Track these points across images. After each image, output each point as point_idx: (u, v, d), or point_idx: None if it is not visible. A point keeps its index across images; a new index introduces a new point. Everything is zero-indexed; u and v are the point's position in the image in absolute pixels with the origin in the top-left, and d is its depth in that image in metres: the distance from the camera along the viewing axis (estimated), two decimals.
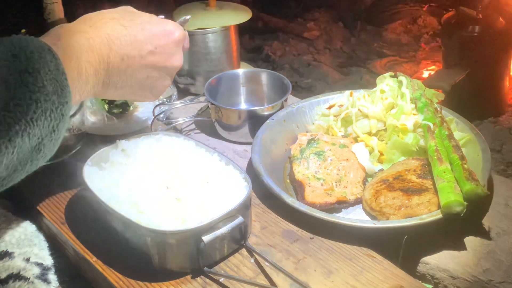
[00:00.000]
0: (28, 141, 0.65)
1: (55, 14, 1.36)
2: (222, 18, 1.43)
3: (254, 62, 2.60)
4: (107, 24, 0.84)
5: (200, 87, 1.44)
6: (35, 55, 0.67)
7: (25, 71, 0.65)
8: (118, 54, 0.83)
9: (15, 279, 0.91)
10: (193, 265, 0.88)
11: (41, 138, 0.67)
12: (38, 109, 0.65)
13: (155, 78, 0.91)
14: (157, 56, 0.89)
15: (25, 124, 0.64)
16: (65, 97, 0.69)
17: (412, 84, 1.20)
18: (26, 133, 0.64)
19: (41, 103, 0.65)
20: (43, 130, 0.67)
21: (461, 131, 1.14)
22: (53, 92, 0.67)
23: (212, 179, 0.95)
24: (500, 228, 0.97)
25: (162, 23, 0.91)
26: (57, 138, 0.70)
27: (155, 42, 0.88)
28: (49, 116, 0.67)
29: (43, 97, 0.66)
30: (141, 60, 0.87)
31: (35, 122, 0.65)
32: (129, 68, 0.86)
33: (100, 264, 0.91)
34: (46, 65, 0.67)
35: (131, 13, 0.90)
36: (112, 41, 0.82)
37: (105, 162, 0.99)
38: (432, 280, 0.93)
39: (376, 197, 1.00)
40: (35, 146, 0.67)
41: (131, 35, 0.85)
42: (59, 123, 0.69)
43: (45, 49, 0.69)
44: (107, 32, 0.83)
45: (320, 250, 0.93)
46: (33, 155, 0.68)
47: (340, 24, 2.96)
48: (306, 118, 1.24)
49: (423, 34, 2.84)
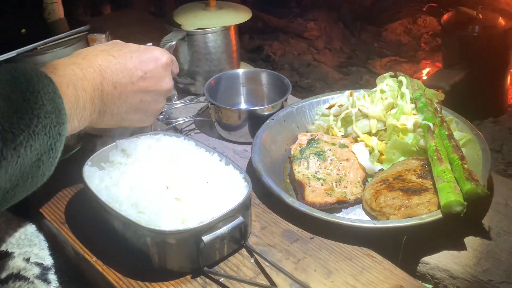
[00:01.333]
0: (30, 153, 0.69)
1: (55, 14, 1.36)
2: (222, 18, 1.43)
3: (254, 62, 2.60)
4: (98, 56, 0.90)
5: (200, 87, 1.44)
6: (34, 78, 0.72)
7: (26, 90, 0.70)
8: (111, 82, 0.89)
9: (15, 279, 0.91)
10: (193, 265, 0.88)
11: (40, 154, 0.72)
12: (39, 124, 0.70)
13: (148, 102, 0.97)
14: (148, 81, 0.95)
15: (27, 136, 0.68)
16: (62, 118, 0.75)
17: (412, 84, 1.20)
18: (29, 144, 0.69)
19: (41, 119, 0.70)
20: (42, 146, 0.71)
21: (461, 131, 1.14)
22: (51, 111, 0.72)
23: (212, 179, 0.95)
24: (500, 228, 0.97)
25: (149, 50, 0.98)
26: (54, 157, 0.75)
27: (144, 68, 0.95)
28: (48, 132, 0.72)
29: (43, 114, 0.71)
30: (133, 86, 0.93)
31: (36, 135, 0.70)
32: (122, 94, 0.92)
33: (100, 264, 0.91)
34: (45, 87, 0.73)
35: (119, 44, 0.96)
36: (104, 71, 0.89)
37: (105, 162, 0.99)
38: (432, 280, 0.93)
39: (376, 197, 1.00)
40: (35, 162, 0.71)
41: (121, 63, 0.92)
42: (56, 142, 0.74)
43: (43, 75, 0.74)
44: (99, 63, 0.89)
45: (320, 250, 0.93)
46: (33, 170, 0.72)
47: (340, 24, 2.95)
48: (306, 118, 1.24)
49: (423, 34, 2.83)
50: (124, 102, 0.93)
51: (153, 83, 0.96)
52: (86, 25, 1.30)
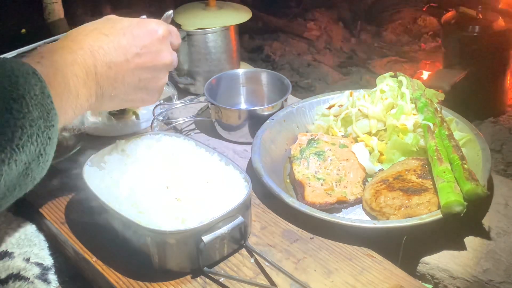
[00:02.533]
0: (15, 167, 0.64)
1: (55, 14, 1.37)
2: (222, 18, 1.43)
3: (254, 62, 2.60)
4: (88, 35, 0.84)
5: (200, 87, 1.44)
6: (19, 80, 0.65)
7: (10, 98, 0.64)
8: (104, 63, 0.83)
9: (15, 279, 0.91)
10: (193, 265, 0.88)
11: (28, 163, 0.66)
12: (23, 135, 0.64)
13: (148, 80, 0.91)
14: (144, 57, 0.89)
15: (10, 151, 0.63)
16: (51, 120, 0.69)
17: (412, 84, 1.20)
18: (13, 160, 0.63)
19: (26, 129, 0.64)
20: (29, 156, 0.66)
21: (461, 131, 1.14)
22: (38, 117, 0.66)
23: (212, 179, 0.95)
24: (500, 228, 0.97)
25: (143, 23, 0.91)
26: (45, 161, 0.69)
27: (139, 43, 0.88)
28: (35, 141, 0.66)
29: (28, 123, 0.65)
30: (128, 64, 0.87)
31: (21, 148, 0.64)
32: (119, 74, 0.86)
33: (100, 264, 0.91)
34: (32, 90, 0.66)
35: (112, 21, 0.89)
36: (96, 51, 0.82)
37: (105, 162, 0.99)
38: (432, 280, 0.93)
39: (376, 197, 1.00)
40: (23, 171, 0.66)
41: (114, 41, 0.85)
42: (46, 147, 0.68)
43: (30, 73, 0.68)
44: (90, 43, 0.82)
45: (320, 250, 0.93)
46: (20, 180, 0.67)
47: (340, 24, 2.95)
48: (306, 118, 1.24)
49: (423, 34, 2.83)
50: (122, 82, 0.87)
51: (150, 59, 0.89)
52: None
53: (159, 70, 0.92)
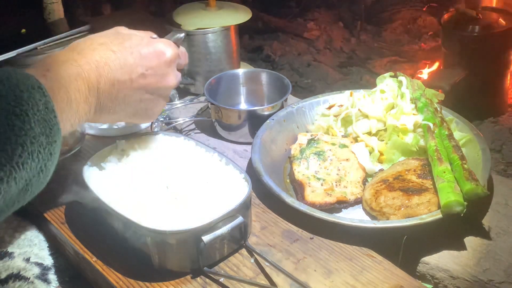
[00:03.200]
0: (15, 185, 0.63)
1: (55, 14, 1.37)
2: (222, 18, 1.43)
3: (254, 62, 2.60)
4: (96, 50, 0.83)
5: (200, 87, 1.44)
6: (24, 95, 0.64)
7: (12, 114, 0.63)
8: (108, 80, 0.82)
9: (15, 279, 0.91)
10: (193, 265, 0.88)
11: (29, 180, 0.65)
12: (24, 153, 0.63)
13: (149, 101, 0.90)
14: (149, 79, 0.88)
15: (10, 169, 0.62)
16: (54, 136, 0.68)
17: (412, 84, 1.20)
18: (12, 177, 0.62)
19: (27, 146, 0.63)
20: (30, 172, 0.65)
21: (461, 131, 1.14)
22: (40, 133, 0.65)
23: (212, 179, 0.95)
24: (500, 228, 0.97)
25: (152, 43, 0.90)
26: (45, 176, 0.69)
27: (146, 64, 0.87)
28: (36, 157, 0.65)
29: (29, 140, 0.64)
30: (132, 84, 0.86)
31: (21, 166, 0.63)
32: (120, 93, 0.85)
33: (100, 264, 0.91)
34: (35, 105, 0.65)
35: (121, 36, 0.88)
36: (102, 67, 0.82)
37: (105, 162, 0.99)
38: (432, 280, 0.93)
39: (376, 197, 1.00)
40: (22, 188, 0.65)
41: (121, 59, 0.84)
42: (47, 163, 0.67)
43: (35, 87, 0.67)
44: (96, 58, 0.82)
45: (320, 250, 0.93)
46: (20, 196, 0.66)
47: (340, 24, 2.95)
48: (306, 118, 1.24)
49: (423, 34, 2.83)
50: (123, 100, 0.86)
51: (154, 81, 0.89)
52: (86, 25, 1.30)
53: (161, 93, 0.92)
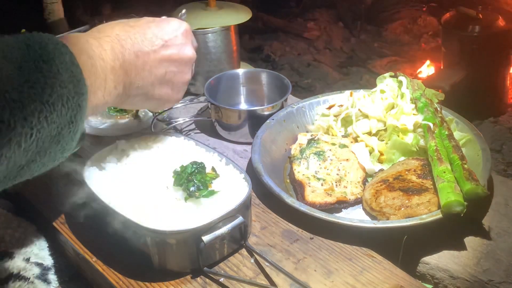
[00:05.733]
0: (47, 126, 0.65)
1: (55, 14, 1.37)
2: (222, 18, 1.43)
3: (254, 62, 2.60)
4: (115, 27, 0.86)
5: (200, 87, 1.44)
6: (49, 46, 0.67)
7: (40, 59, 0.66)
8: (132, 51, 0.85)
9: (15, 279, 0.91)
10: (193, 265, 0.88)
11: (60, 128, 0.67)
12: (53, 93, 0.65)
13: (174, 73, 0.92)
14: (170, 49, 0.91)
15: (40, 105, 0.64)
16: (81, 88, 0.70)
17: (412, 84, 1.20)
18: (43, 115, 0.64)
19: (56, 89, 0.66)
20: (61, 118, 0.67)
21: (461, 131, 1.14)
22: (68, 81, 0.68)
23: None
24: (500, 228, 0.97)
25: (166, 20, 0.94)
26: (75, 131, 0.70)
27: (165, 36, 0.90)
28: (66, 103, 0.67)
29: (58, 83, 0.66)
30: (155, 54, 0.88)
31: (52, 106, 0.65)
32: (146, 64, 0.87)
33: (100, 264, 0.91)
34: (61, 56, 0.68)
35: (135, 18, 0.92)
36: (123, 40, 0.84)
37: (105, 162, 0.99)
38: (432, 280, 0.93)
39: (376, 197, 1.00)
40: (55, 136, 0.67)
41: (140, 33, 0.87)
42: (76, 114, 0.69)
43: (59, 43, 0.69)
44: (116, 33, 0.84)
45: (320, 250, 0.93)
46: (52, 145, 0.68)
47: (340, 24, 2.96)
48: (306, 118, 1.24)
49: (423, 34, 2.84)
50: (149, 72, 0.88)
51: (176, 51, 0.91)
52: (86, 25, 1.30)
53: (184, 64, 0.94)
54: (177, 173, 0.93)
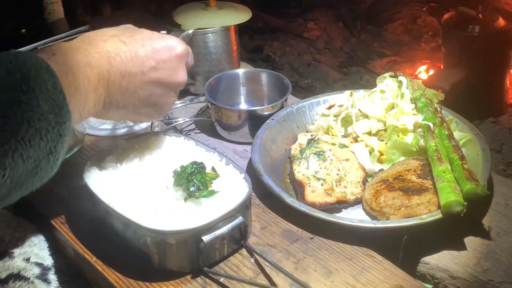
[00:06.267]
0: (22, 163, 0.62)
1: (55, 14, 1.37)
2: (222, 18, 1.43)
3: (254, 62, 2.60)
4: (107, 41, 0.82)
5: (200, 87, 1.44)
6: (31, 73, 0.64)
7: (19, 90, 0.62)
8: (119, 71, 0.81)
9: (15, 279, 0.91)
10: (193, 265, 0.88)
11: (38, 161, 0.64)
12: (30, 129, 0.62)
13: (159, 95, 0.89)
14: (160, 72, 0.87)
15: (15, 144, 0.61)
16: (63, 117, 0.67)
17: (412, 84, 1.20)
18: (18, 153, 0.61)
19: (34, 123, 0.63)
20: (39, 152, 0.64)
21: (461, 131, 1.14)
22: (49, 111, 0.64)
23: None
24: (500, 228, 0.97)
25: (163, 38, 0.89)
26: (55, 159, 0.68)
27: (157, 57, 0.86)
28: (45, 136, 0.64)
29: (36, 116, 0.63)
30: (143, 76, 0.85)
31: (28, 142, 0.62)
32: (131, 85, 0.84)
33: (100, 264, 0.91)
34: (43, 84, 0.65)
35: (131, 29, 0.88)
36: (113, 58, 0.81)
37: (105, 162, 0.99)
38: (432, 280, 0.93)
39: (376, 197, 1.00)
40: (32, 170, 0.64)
41: (132, 51, 0.83)
42: (56, 144, 0.66)
43: (43, 67, 0.66)
44: (107, 48, 0.81)
45: (320, 250, 0.93)
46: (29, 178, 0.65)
47: (340, 24, 2.96)
48: (306, 118, 1.24)
49: (423, 34, 2.83)
50: (133, 93, 0.84)
51: (165, 75, 0.88)
52: (86, 25, 1.30)
53: (172, 88, 0.91)
54: (177, 173, 0.93)
